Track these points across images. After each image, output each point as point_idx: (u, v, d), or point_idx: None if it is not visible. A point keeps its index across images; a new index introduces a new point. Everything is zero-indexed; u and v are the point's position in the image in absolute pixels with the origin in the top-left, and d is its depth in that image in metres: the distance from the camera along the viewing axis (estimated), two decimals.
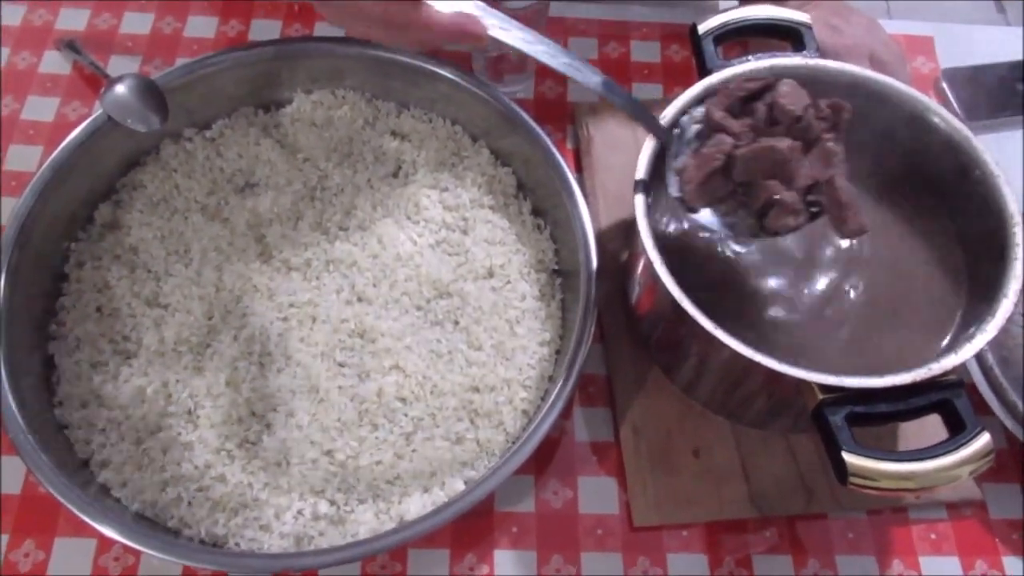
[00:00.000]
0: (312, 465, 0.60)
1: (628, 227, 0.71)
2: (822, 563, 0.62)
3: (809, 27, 0.64)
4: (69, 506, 0.54)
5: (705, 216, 0.52)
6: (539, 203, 0.72)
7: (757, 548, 0.62)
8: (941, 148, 0.60)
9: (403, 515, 0.59)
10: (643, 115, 0.56)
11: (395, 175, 0.73)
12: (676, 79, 0.83)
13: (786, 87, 0.52)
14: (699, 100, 0.60)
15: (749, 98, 0.52)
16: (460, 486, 0.60)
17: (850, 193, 0.50)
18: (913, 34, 0.87)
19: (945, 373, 0.50)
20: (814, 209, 0.51)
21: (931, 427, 0.52)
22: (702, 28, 0.64)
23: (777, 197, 0.50)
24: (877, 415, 0.50)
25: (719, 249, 0.61)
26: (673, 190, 0.52)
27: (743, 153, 0.50)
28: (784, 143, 0.50)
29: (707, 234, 0.61)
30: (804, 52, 0.63)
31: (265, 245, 0.68)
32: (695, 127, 0.54)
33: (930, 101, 0.60)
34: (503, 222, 0.71)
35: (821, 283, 0.59)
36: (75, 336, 0.64)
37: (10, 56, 0.81)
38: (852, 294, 0.59)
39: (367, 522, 0.58)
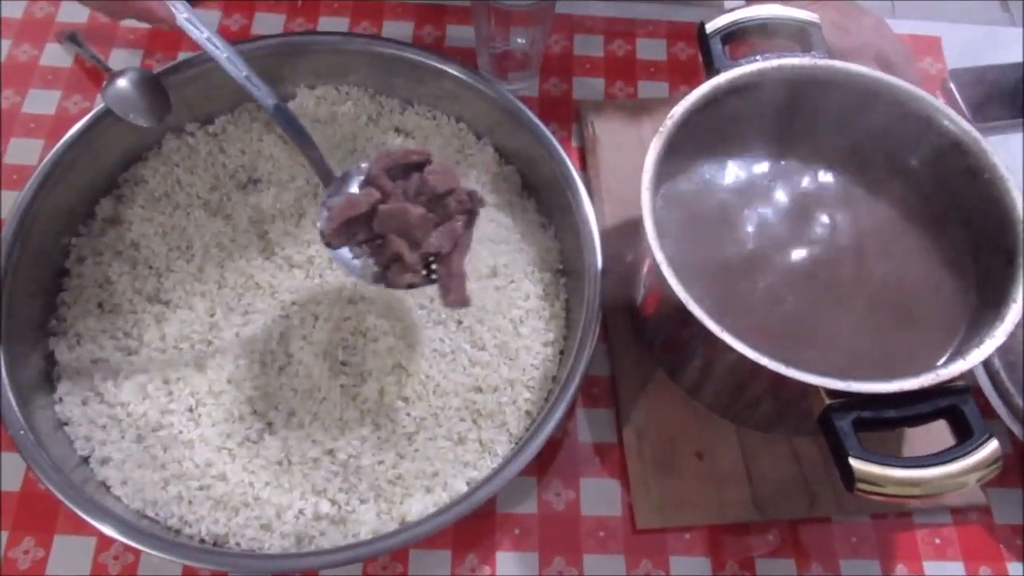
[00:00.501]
0: (313, 464, 0.60)
1: (633, 227, 0.70)
2: (825, 567, 0.61)
3: (817, 27, 0.64)
4: (69, 504, 0.54)
5: (342, 254, 0.56)
6: (544, 202, 0.71)
7: (760, 551, 0.62)
8: (949, 150, 0.60)
9: (405, 515, 0.58)
10: (312, 151, 0.59)
11: None
12: (682, 77, 0.82)
13: (437, 167, 0.58)
14: (706, 100, 0.59)
15: (410, 167, 0.58)
16: (462, 487, 0.59)
17: (460, 270, 0.56)
18: (920, 34, 0.87)
19: (953, 379, 0.50)
20: (433, 276, 0.56)
21: (936, 430, 0.51)
22: (710, 27, 0.63)
23: (400, 254, 0.55)
24: (884, 420, 0.50)
25: (725, 249, 0.60)
26: (319, 223, 0.56)
27: (382, 208, 0.55)
28: (417, 211, 0.55)
29: (713, 235, 0.61)
30: (812, 52, 0.63)
31: (267, 242, 0.68)
32: (359, 177, 0.58)
33: (938, 102, 0.60)
34: (507, 221, 0.70)
35: (828, 288, 0.58)
36: (76, 332, 0.64)
37: (11, 48, 0.80)
38: (860, 299, 0.58)
39: (369, 522, 0.58)
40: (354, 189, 0.58)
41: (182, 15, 0.56)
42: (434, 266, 0.56)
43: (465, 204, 0.57)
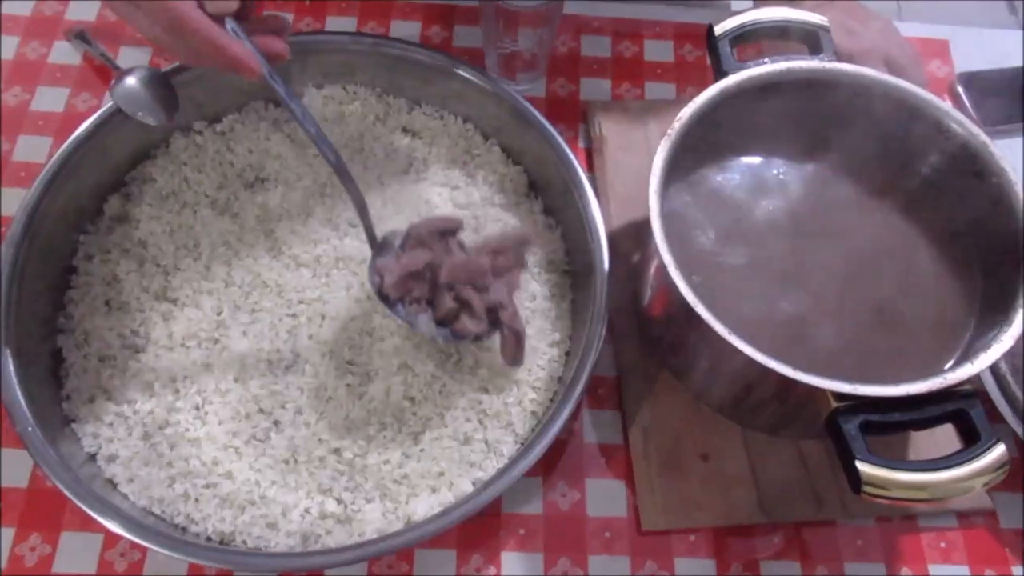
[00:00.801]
0: (320, 463, 0.60)
1: (640, 228, 0.70)
2: (830, 570, 0.61)
3: (826, 29, 0.64)
4: (76, 500, 0.54)
5: (398, 310, 0.60)
6: (551, 202, 0.71)
7: (765, 553, 0.62)
8: (957, 154, 0.60)
9: (410, 515, 0.58)
10: (364, 214, 0.61)
11: (406, 172, 0.72)
12: (689, 79, 0.82)
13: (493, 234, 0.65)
14: (714, 103, 0.59)
15: (444, 232, 0.62)
16: (468, 487, 0.59)
17: (523, 328, 0.62)
18: (929, 37, 0.87)
19: (960, 383, 0.50)
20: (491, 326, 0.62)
21: (941, 432, 0.51)
22: (718, 29, 0.63)
23: (469, 301, 0.60)
24: (891, 424, 0.50)
25: (732, 253, 0.60)
26: (373, 282, 0.61)
27: (452, 260, 0.61)
28: (485, 260, 0.61)
29: (720, 238, 0.61)
30: (820, 55, 0.63)
31: (275, 240, 0.68)
32: (399, 240, 0.63)
33: (947, 106, 0.60)
34: (514, 221, 0.70)
35: (836, 290, 0.59)
36: (83, 329, 0.64)
37: (20, 46, 0.80)
38: (867, 301, 0.58)
39: (374, 521, 0.58)
40: (397, 249, 0.62)
41: (265, 69, 0.56)
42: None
43: (516, 262, 0.63)
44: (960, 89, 0.82)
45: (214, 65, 0.55)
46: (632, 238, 0.70)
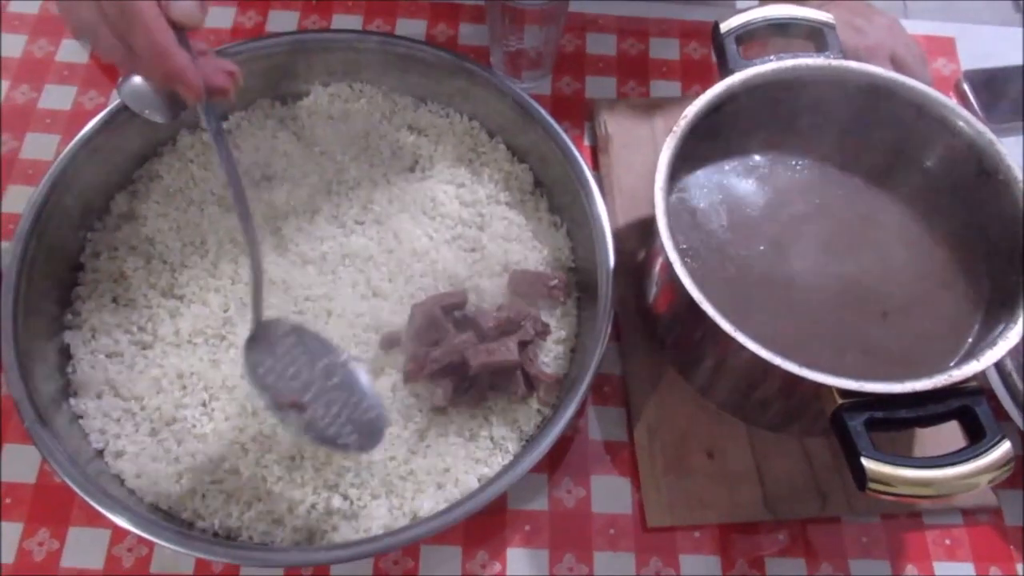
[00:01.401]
0: (325, 459, 0.60)
1: (645, 226, 0.70)
2: (835, 567, 0.61)
3: (832, 27, 0.64)
4: (83, 496, 0.54)
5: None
6: (556, 200, 0.72)
7: (770, 550, 0.62)
8: (963, 151, 0.60)
9: (416, 511, 0.59)
10: (258, 288, 0.55)
11: (412, 170, 0.73)
12: (695, 77, 0.82)
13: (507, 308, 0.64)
14: (720, 100, 0.59)
15: (449, 308, 0.64)
16: (474, 483, 0.60)
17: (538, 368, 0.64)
18: (935, 35, 0.87)
19: (966, 380, 0.50)
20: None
21: (946, 429, 0.51)
22: (724, 27, 0.63)
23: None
24: (896, 421, 0.50)
25: (738, 250, 0.61)
26: (249, 364, 0.57)
27: (491, 363, 0.61)
28: (514, 352, 0.61)
29: (726, 235, 0.61)
30: (826, 52, 0.63)
31: (281, 238, 0.68)
32: (281, 330, 0.58)
33: (952, 104, 0.60)
34: (520, 219, 0.70)
35: (841, 287, 0.59)
36: (91, 326, 0.64)
37: (27, 44, 0.81)
38: (873, 299, 0.58)
39: (380, 517, 0.58)
40: (280, 338, 0.58)
41: (203, 97, 0.50)
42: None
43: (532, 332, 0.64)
44: (966, 87, 0.82)
45: (150, 74, 0.50)
46: (637, 235, 0.70)
